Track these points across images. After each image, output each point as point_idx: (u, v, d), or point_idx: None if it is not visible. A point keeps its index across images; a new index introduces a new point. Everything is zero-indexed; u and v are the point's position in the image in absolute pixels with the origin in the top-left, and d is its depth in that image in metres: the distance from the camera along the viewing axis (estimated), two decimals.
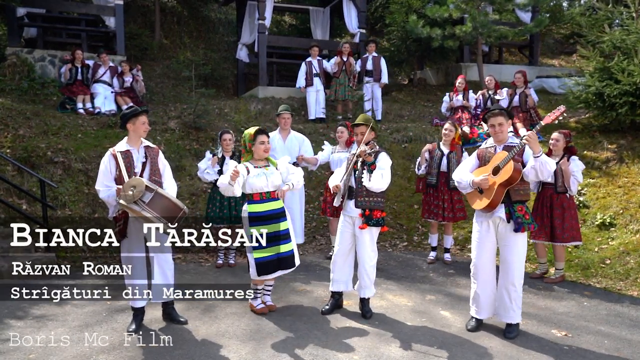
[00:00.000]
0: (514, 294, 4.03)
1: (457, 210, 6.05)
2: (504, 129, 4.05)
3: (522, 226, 3.95)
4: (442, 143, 6.11)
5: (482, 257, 4.13)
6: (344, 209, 4.48)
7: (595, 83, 7.77)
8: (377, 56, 9.97)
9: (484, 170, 4.07)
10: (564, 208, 5.41)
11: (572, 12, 12.28)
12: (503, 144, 4.07)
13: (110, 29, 10.90)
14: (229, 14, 14.68)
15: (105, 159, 4.08)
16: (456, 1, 9.77)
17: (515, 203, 3.99)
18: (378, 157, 4.37)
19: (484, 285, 4.15)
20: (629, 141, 7.65)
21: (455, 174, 4.31)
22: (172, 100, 10.50)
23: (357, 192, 4.37)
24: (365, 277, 4.43)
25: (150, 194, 3.78)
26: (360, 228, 4.35)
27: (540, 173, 3.81)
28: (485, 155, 4.16)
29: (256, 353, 3.75)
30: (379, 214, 4.37)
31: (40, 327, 4.22)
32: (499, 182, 3.92)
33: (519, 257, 4.03)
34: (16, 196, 6.78)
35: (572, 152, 5.54)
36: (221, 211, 6.01)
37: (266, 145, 4.42)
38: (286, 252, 4.37)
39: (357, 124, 4.50)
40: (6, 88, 9.19)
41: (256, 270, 4.31)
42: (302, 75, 9.88)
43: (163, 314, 4.36)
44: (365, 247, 4.40)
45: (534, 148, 3.76)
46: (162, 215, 3.79)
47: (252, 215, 4.32)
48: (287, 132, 6.35)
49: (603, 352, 3.83)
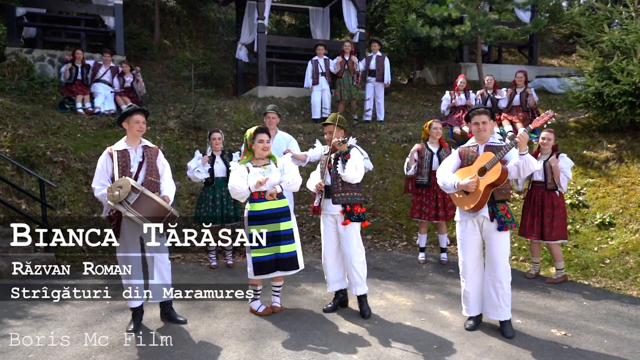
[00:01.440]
0: (501, 291, 4.05)
1: (450, 209, 6.05)
2: (487, 128, 4.08)
3: (505, 225, 4.00)
4: (429, 142, 6.11)
5: (467, 256, 4.16)
6: (324, 208, 4.48)
7: (595, 83, 7.77)
8: (382, 56, 9.96)
9: (468, 170, 4.08)
10: (554, 206, 5.45)
11: (572, 12, 12.31)
12: (485, 143, 4.10)
13: (110, 28, 10.89)
14: (229, 14, 14.68)
15: (102, 158, 4.10)
16: (455, 1, 9.76)
17: (497, 202, 4.03)
18: (351, 151, 4.41)
19: (472, 283, 4.18)
20: (628, 141, 7.66)
21: (439, 176, 4.27)
22: (171, 100, 10.49)
23: (334, 188, 4.39)
24: (355, 274, 4.43)
25: (135, 195, 3.76)
26: (343, 224, 4.37)
27: (522, 171, 3.86)
28: (467, 154, 4.17)
29: (256, 353, 3.75)
30: (359, 209, 4.41)
31: (39, 326, 4.21)
32: (487, 183, 3.94)
33: (503, 254, 4.06)
34: (15, 196, 6.78)
35: (555, 149, 5.59)
36: (213, 210, 6.02)
37: (265, 144, 4.40)
38: (286, 252, 4.31)
39: (326, 123, 4.54)
40: (5, 88, 9.19)
41: (253, 269, 4.30)
42: (309, 74, 9.89)
43: (161, 314, 4.36)
44: (351, 244, 4.41)
45: (522, 147, 3.81)
46: (148, 216, 3.78)
47: (251, 214, 4.32)
48: (274, 131, 6.34)
49: (603, 352, 3.83)
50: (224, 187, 5.89)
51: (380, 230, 7.41)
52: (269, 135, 4.47)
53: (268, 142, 4.43)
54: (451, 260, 6.31)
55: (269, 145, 4.45)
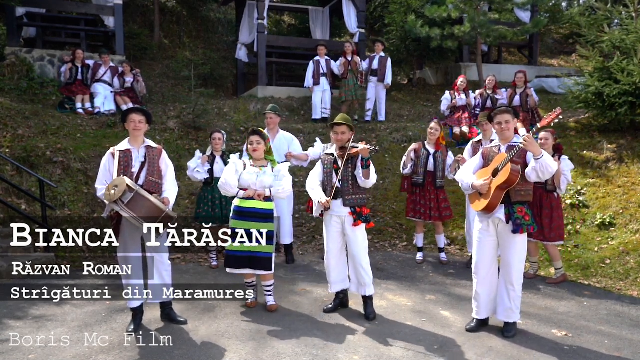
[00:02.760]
0: (513, 294, 4.04)
1: (444, 209, 6.06)
2: (510, 127, 4.03)
3: (520, 227, 3.94)
4: (427, 143, 6.11)
5: (481, 256, 4.14)
6: (330, 209, 4.43)
7: (595, 83, 7.77)
8: (385, 57, 9.94)
9: (486, 171, 4.07)
10: (552, 208, 5.44)
11: (572, 12, 12.29)
12: (507, 143, 4.06)
13: (110, 28, 10.88)
14: (228, 14, 14.67)
15: (105, 158, 4.12)
16: (455, 1, 9.76)
17: (515, 204, 3.97)
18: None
19: (483, 284, 4.16)
20: (628, 141, 7.65)
21: (459, 175, 4.32)
22: (171, 100, 10.49)
23: (344, 190, 4.36)
24: (365, 275, 4.41)
25: (130, 194, 3.76)
26: (355, 226, 4.35)
27: (541, 174, 3.79)
28: (489, 154, 4.15)
29: (256, 353, 3.74)
30: (366, 211, 4.42)
31: (40, 327, 4.21)
32: (497, 184, 3.92)
33: (517, 257, 4.02)
34: (15, 196, 6.77)
35: (559, 149, 5.57)
36: (213, 210, 6.01)
37: (254, 145, 4.48)
38: (261, 252, 4.33)
39: (340, 123, 4.42)
40: (5, 88, 9.18)
41: (224, 261, 4.43)
42: (310, 75, 9.88)
43: (162, 315, 4.35)
44: (359, 245, 4.39)
45: (534, 150, 3.75)
46: (142, 215, 3.77)
47: (235, 208, 4.46)
48: (275, 131, 6.34)
49: (604, 352, 3.83)
50: None
51: (380, 230, 7.40)
52: (262, 137, 4.52)
53: (258, 143, 4.49)
54: (451, 261, 6.31)
55: (259, 147, 4.49)
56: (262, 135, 4.54)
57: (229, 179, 4.43)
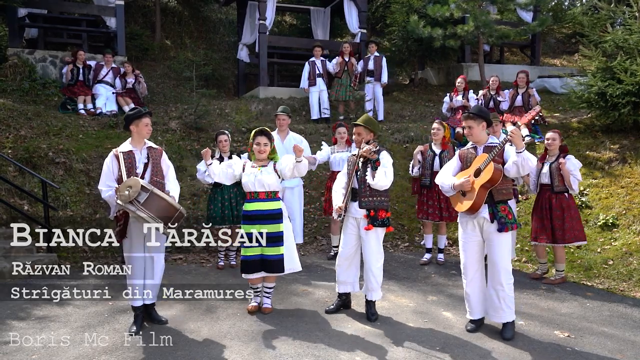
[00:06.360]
0: (502, 294, 4.02)
1: (453, 210, 6.02)
2: (474, 132, 4.07)
3: (505, 226, 3.96)
4: (433, 143, 6.12)
5: (468, 258, 4.14)
6: (348, 210, 4.42)
7: (598, 83, 7.74)
8: (379, 56, 9.95)
9: (466, 173, 4.09)
10: (563, 209, 5.38)
11: (574, 11, 12.26)
12: (484, 144, 4.09)
13: (111, 29, 10.88)
14: (230, 14, 14.67)
15: (107, 160, 4.13)
16: (457, 1, 9.74)
17: (498, 203, 3.99)
18: (380, 155, 4.36)
19: (472, 284, 4.16)
20: (631, 141, 7.62)
21: (438, 178, 4.30)
22: (172, 100, 10.49)
23: (361, 192, 4.34)
24: (373, 279, 4.39)
25: (145, 194, 3.78)
26: (366, 229, 4.31)
27: (521, 168, 3.82)
28: (466, 156, 4.17)
29: (258, 354, 3.73)
30: (384, 214, 4.34)
31: (41, 327, 4.20)
32: (481, 183, 3.93)
33: (504, 256, 4.02)
34: (17, 197, 6.77)
35: (565, 150, 5.54)
36: (222, 211, 6.00)
37: (261, 147, 4.43)
38: (272, 255, 4.33)
39: (356, 124, 4.48)
40: (7, 89, 9.19)
41: (241, 267, 4.41)
42: (305, 76, 9.87)
43: (144, 313, 4.28)
44: (371, 249, 4.36)
45: (518, 143, 3.78)
46: (158, 215, 3.79)
47: (243, 213, 4.48)
48: (285, 132, 6.36)
49: (606, 354, 3.81)
50: (232, 188, 5.89)
51: None
52: (268, 138, 4.48)
53: (265, 145, 4.44)
54: (453, 261, 6.30)
55: (266, 148, 4.45)
56: (269, 136, 4.52)
57: (215, 168, 4.53)
